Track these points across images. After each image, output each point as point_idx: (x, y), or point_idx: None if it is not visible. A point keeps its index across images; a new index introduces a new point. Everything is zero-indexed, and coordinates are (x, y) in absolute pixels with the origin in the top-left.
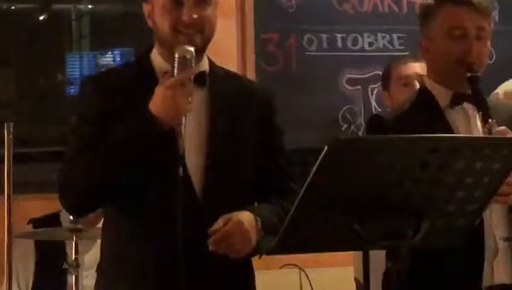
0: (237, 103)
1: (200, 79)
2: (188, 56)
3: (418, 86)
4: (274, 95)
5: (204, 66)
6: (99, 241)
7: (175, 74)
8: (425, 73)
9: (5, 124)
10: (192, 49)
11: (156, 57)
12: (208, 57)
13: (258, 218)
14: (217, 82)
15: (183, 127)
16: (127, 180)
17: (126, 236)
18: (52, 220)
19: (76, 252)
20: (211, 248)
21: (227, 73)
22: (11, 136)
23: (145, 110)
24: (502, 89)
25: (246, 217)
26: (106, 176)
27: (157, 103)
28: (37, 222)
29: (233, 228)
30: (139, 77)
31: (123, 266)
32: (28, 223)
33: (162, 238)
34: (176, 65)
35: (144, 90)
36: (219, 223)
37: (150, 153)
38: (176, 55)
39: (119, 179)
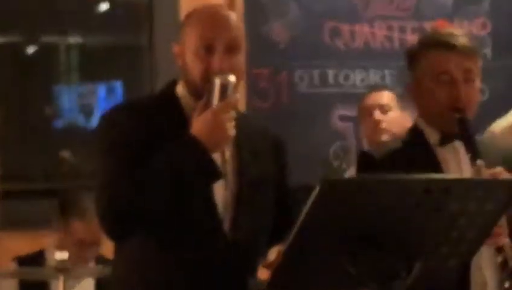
0: (256, 138)
1: None
2: (230, 83)
3: (377, 116)
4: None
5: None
6: (85, 280)
7: (215, 101)
8: (391, 102)
9: None
10: (233, 78)
11: (182, 92)
12: None
13: None
14: (240, 125)
15: (227, 152)
16: (170, 205)
17: (152, 260)
18: (37, 258)
19: None
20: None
21: (248, 116)
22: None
23: (190, 136)
24: (498, 126)
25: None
26: (151, 200)
27: (203, 129)
28: (22, 260)
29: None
30: (166, 110)
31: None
32: (12, 261)
33: (190, 266)
34: (217, 91)
35: (172, 123)
36: (273, 254)
37: (195, 178)
38: (217, 82)
39: (164, 203)
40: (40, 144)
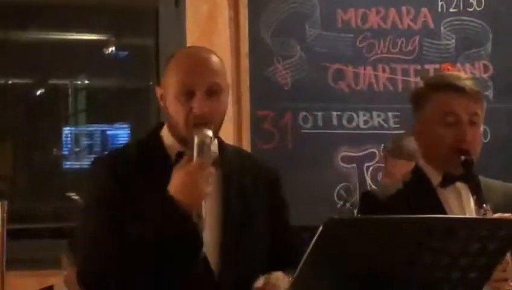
0: (246, 178)
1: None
2: (207, 141)
3: None
4: (279, 171)
5: (215, 148)
6: None
7: (194, 158)
8: None
9: (0, 202)
10: (210, 133)
11: (167, 137)
12: (219, 137)
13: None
14: (227, 160)
15: (203, 209)
16: (151, 266)
17: None
18: None
19: None
20: None
21: (237, 150)
22: (5, 215)
23: (166, 195)
24: None
25: (282, 276)
26: (133, 263)
27: (177, 187)
28: None
29: (278, 285)
30: (151, 158)
31: None
32: None
33: None
34: (195, 150)
35: (158, 171)
36: (261, 281)
37: (174, 238)
38: (196, 141)
39: (145, 265)
40: (48, 185)
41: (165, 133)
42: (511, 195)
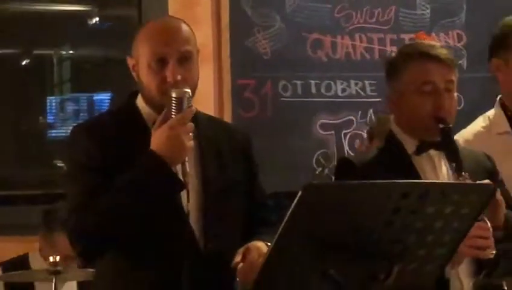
0: (221, 145)
1: None
2: (185, 95)
3: None
4: (250, 135)
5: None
6: (68, 283)
7: (173, 114)
8: None
9: None
10: (188, 90)
11: (143, 105)
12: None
13: (269, 244)
14: (201, 127)
15: (187, 164)
16: (136, 225)
17: (126, 274)
18: (21, 262)
19: None
20: (241, 281)
21: (210, 118)
22: None
23: (149, 152)
24: (460, 137)
25: (262, 246)
26: (118, 224)
27: (160, 143)
28: (7, 265)
29: (258, 256)
30: (129, 124)
31: None
32: None
33: (162, 274)
34: (173, 105)
35: (135, 138)
36: (239, 256)
37: (160, 193)
38: (174, 96)
39: (133, 222)
40: (33, 153)
41: (140, 101)
42: (480, 162)
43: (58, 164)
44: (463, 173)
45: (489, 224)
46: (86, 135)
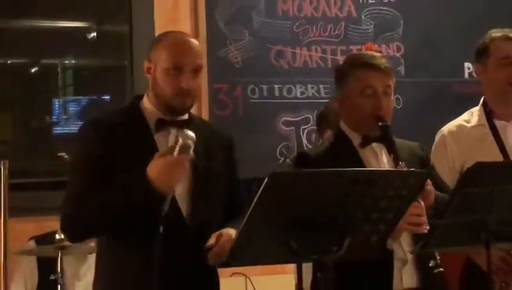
0: (210, 143)
1: (184, 126)
2: (189, 144)
3: None
4: (233, 137)
5: (185, 115)
6: (89, 256)
7: (175, 153)
8: None
9: (1, 161)
10: (193, 135)
11: (147, 105)
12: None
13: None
14: (195, 128)
15: (175, 190)
16: (123, 223)
17: (121, 252)
18: (50, 237)
19: (61, 264)
20: (211, 262)
21: (201, 120)
22: (6, 171)
23: (144, 175)
24: (446, 128)
25: (231, 231)
26: (108, 219)
27: (155, 172)
28: (38, 239)
29: (228, 241)
30: (132, 124)
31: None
32: (29, 240)
33: (152, 251)
34: (178, 148)
35: (137, 136)
36: (213, 239)
37: (144, 207)
38: (180, 141)
39: (119, 221)
40: (41, 147)
41: (145, 102)
42: (413, 151)
43: (62, 156)
44: (400, 162)
45: (422, 204)
46: (94, 131)
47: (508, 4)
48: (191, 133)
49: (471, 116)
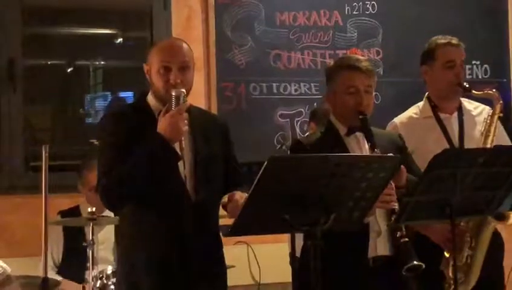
0: (208, 128)
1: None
2: (182, 93)
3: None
4: (228, 123)
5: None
6: (107, 226)
7: (172, 107)
8: None
9: (43, 146)
10: (184, 90)
11: (151, 99)
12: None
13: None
14: (194, 116)
15: (183, 142)
16: (147, 186)
17: (141, 221)
18: (74, 211)
19: (93, 233)
20: (230, 215)
21: (200, 109)
22: (46, 154)
23: (156, 134)
24: (398, 119)
25: (240, 192)
26: (136, 181)
27: (164, 128)
28: (64, 213)
29: (240, 199)
30: (141, 113)
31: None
32: (58, 214)
33: (167, 219)
34: (173, 101)
35: (146, 122)
36: (226, 197)
37: (163, 161)
38: (173, 94)
39: (145, 183)
40: (75, 134)
41: (150, 97)
42: (392, 140)
43: (92, 142)
44: (375, 149)
45: (393, 185)
46: (113, 121)
47: (468, 17)
48: (182, 89)
49: (419, 110)
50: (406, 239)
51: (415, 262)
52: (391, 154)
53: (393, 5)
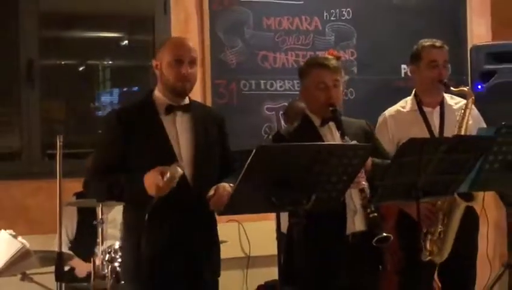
0: (206, 121)
1: (186, 108)
2: (176, 175)
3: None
4: (224, 116)
5: (187, 100)
6: (116, 207)
7: (165, 178)
8: None
9: (58, 136)
10: (181, 172)
11: (158, 95)
12: (188, 96)
13: (231, 185)
14: (195, 110)
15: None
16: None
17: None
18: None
19: (102, 213)
20: (212, 207)
21: (199, 104)
22: (61, 143)
23: (142, 182)
24: (388, 112)
25: (227, 185)
26: (110, 196)
27: (147, 181)
28: (79, 195)
29: (224, 192)
30: (146, 109)
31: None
32: (73, 195)
33: (170, 203)
34: (168, 175)
35: (150, 119)
36: (212, 191)
37: (137, 199)
38: (168, 174)
39: (119, 199)
40: (87, 125)
41: (156, 93)
42: (361, 127)
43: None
44: (345, 137)
45: (362, 169)
46: (116, 119)
47: (436, 21)
48: (179, 169)
49: (406, 104)
50: (375, 214)
51: (384, 234)
52: (357, 141)
53: (367, 12)
